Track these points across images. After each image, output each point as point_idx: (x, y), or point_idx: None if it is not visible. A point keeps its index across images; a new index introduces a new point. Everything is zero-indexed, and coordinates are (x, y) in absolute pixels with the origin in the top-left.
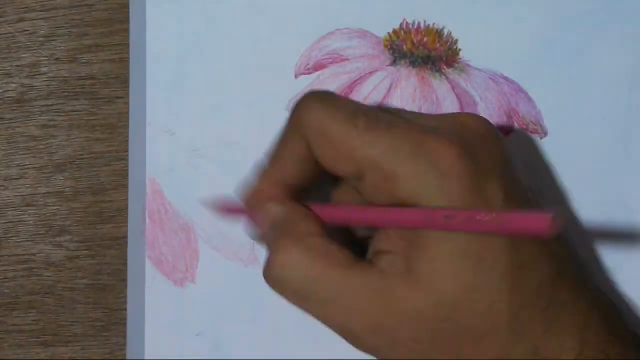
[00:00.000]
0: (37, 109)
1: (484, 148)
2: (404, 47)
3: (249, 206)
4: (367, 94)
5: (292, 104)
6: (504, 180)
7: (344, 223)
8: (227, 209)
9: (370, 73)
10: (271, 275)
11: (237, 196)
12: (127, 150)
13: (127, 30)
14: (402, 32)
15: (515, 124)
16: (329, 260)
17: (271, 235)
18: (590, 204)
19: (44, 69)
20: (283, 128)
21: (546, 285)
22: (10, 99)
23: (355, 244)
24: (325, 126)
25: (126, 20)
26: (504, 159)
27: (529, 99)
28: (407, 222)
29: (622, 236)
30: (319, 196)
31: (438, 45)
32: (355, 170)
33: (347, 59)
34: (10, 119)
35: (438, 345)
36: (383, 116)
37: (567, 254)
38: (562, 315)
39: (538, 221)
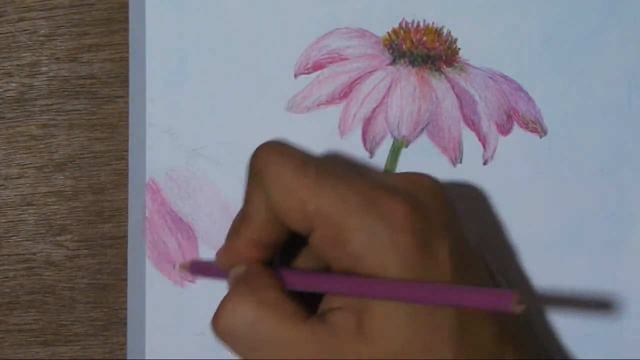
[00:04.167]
0: (37, 109)
1: (431, 205)
2: (404, 46)
3: (222, 267)
4: (367, 93)
5: (292, 104)
6: (450, 236)
7: (305, 289)
8: (202, 271)
9: (370, 73)
10: (220, 323)
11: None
12: (127, 150)
13: (127, 30)
14: (402, 31)
15: (515, 124)
16: (281, 313)
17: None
18: (590, 204)
19: (44, 69)
20: (246, 182)
21: (490, 342)
22: (10, 98)
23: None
24: (278, 174)
25: (126, 20)
26: (450, 216)
27: (529, 99)
28: (370, 294)
29: (569, 298)
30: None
31: (437, 44)
32: (306, 223)
33: (347, 59)
34: (11, 118)
35: None
36: (334, 168)
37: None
38: None
39: (502, 298)
